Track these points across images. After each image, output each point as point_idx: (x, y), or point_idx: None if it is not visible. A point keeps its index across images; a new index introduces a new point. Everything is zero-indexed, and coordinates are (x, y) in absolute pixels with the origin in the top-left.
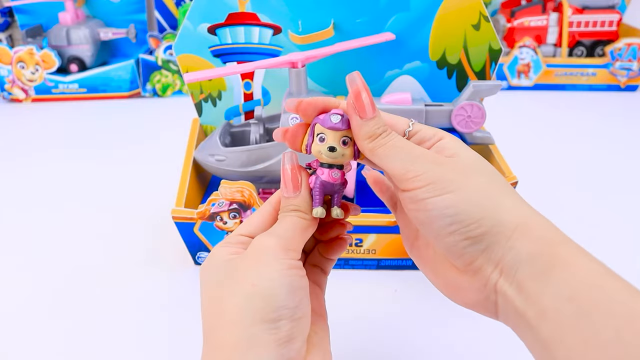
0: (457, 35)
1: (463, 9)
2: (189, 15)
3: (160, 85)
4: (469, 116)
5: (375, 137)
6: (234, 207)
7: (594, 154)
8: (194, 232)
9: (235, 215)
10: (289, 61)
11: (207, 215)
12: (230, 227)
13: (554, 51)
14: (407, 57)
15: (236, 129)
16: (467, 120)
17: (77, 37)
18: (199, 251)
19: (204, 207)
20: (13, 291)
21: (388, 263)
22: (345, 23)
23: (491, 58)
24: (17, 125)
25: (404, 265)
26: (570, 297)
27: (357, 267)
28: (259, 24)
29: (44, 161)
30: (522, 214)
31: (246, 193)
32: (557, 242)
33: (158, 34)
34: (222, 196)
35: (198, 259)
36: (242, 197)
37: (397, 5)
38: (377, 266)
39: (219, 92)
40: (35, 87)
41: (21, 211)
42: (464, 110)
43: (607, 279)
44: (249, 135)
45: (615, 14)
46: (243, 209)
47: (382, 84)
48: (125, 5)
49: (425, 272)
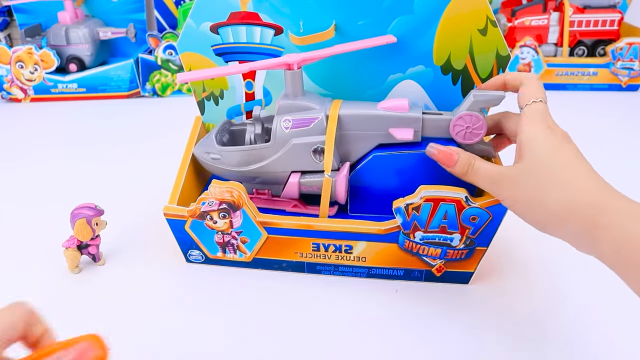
0: (462, 39)
1: (469, 13)
2: (191, 13)
3: (160, 85)
4: (467, 127)
5: (464, 175)
6: (224, 207)
7: (594, 153)
8: (185, 230)
9: (225, 215)
10: (285, 62)
11: (197, 213)
12: (220, 226)
13: (555, 51)
14: (411, 61)
15: (236, 128)
16: (466, 132)
17: (76, 36)
18: (190, 249)
19: (194, 205)
20: (13, 291)
21: (379, 272)
22: (347, 25)
23: (499, 64)
24: (16, 125)
25: (395, 275)
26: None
27: (347, 274)
28: (260, 24)
29: (43, 161)
30: (597, 194)
31: (235, 194)
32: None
33: (157, 33)
34: (211, 195)
35: (189, 257)
36: (232, 197)
37: (401, 8)
38: (367, 274)
39: (221, 90)
40: (34, 87)
41: (20, 211)
42: (463, 121)
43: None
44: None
45: (617, 13)
46: (232, 209)
47: (384, 88)
48: (125, 5)
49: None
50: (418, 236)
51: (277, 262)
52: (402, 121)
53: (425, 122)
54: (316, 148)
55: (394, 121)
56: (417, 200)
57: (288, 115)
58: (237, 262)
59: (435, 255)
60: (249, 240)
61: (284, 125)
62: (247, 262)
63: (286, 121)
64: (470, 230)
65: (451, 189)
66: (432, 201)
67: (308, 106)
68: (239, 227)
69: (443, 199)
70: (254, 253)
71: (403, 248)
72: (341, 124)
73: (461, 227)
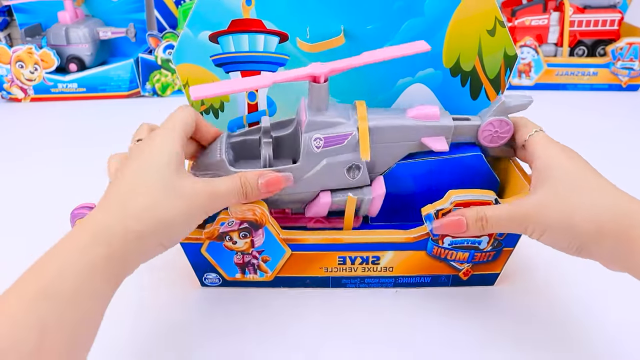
0: (471, 41)
1: (479, 14)
2: (188, 22)
3: (160, 85)
4: (496, 131)
5: (481, 231)
6: (245, 227)
7: (595, 154)
8: (201, 253)
9: (246, 235)
10: (311, 74)
11: (215, 235)
12: (240, 247)
13: (555, 50)
14: (420, 64)
15: (236, 139)
16: (494, 136)
17: (76, 36)
18: (205, 272)
19: (212, 226)
20: None
21: (405, 280)
22: (355, 29)
23: (506, 64)
24: (16, 124)
25: (422, 283)
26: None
27: (373, 285)
28: (264, 31)
29: (43, 161)
30: (627, 208)
31: (258, 212)
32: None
33: (158, 33)
34: (232, 215)
35: (205, 280)
36: (254, 215)
37: (411, 10)
38: (394, 284)
39: (221, 103)
40: (34, 87)
41: (20, 211)
42: (492, 126)
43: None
44: (252, 146)
45: (617, 13)
46: (254, 228)
47: (393, 93)
48: (125, 5)
49: None
50: (447, 242)
51: (301, 279)
52: (434, 130)
53: (456, 129)
54: (351, 166)
55: (426, 131)
56: (448, 206)
57: (317, 132)
58: (257, 282)
59: (463, 259)
60: (270, 259)
61: (315, 145)
62: (269, 281)
63: (317, 140)
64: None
65: (480, 192)
66: (462, 205)
67: (336, 122)
68: (260, 247)
69: (473, 203)
70: (276, 271)
71: (431, 255)
72: (372, 137)
73: None
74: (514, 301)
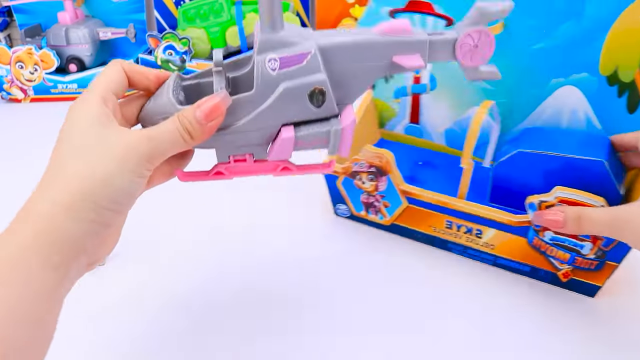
0: (633, 52)
1: None
2: None
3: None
4: (475, 46)
5: (577, 231)
6: (372, 170)
7: None
8: (337, 185)
9: (372, 178)
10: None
11: (349, 172)
12: (367, 187)
13: None
14: (575, 67)
15: (189, 82)
16: (474, 51)
17: (76, 36)
18: (338, 202)
19: (347, 163)
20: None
21: (505, 263)
22: (515, 23)
23: None
24: (16, 125)
25: (521, 270)
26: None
27: (474, 257)
28: (433, 14)
29: (43, 161)
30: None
31: (384, 159)
32: None
33: (157, 33)
34: (363, 158)
35: (337, 210)
36: (380, 162)
37: (571, 12)
38: (493, 262)
39: None
40: (34, 87)
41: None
42: (471, 39)
43: None
44: (207, 89)
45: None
46: (380, 174)
47: (546, 91)
48: (125, 5)
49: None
50: (548, 236)
51: (412, 232)
52: (407, 46)
53: (431, 45)
54: (313, 90)
55: (398, 47)
56: (551, 199)
57: (272, 53)
58: (376, 223)
59: (564, 259)
60: (390, 205)
61: (271, 67)
62: (386, 225)
63: (272, 61)
64: (603, 242)
65: (588, 195)
66: (566, 203)
67: (293, 41)
68: (382, 192)
69: (577, 203)
70: (393, 218)
71: (531, 244)
72: (335, 58)
73: (593, 236)
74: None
